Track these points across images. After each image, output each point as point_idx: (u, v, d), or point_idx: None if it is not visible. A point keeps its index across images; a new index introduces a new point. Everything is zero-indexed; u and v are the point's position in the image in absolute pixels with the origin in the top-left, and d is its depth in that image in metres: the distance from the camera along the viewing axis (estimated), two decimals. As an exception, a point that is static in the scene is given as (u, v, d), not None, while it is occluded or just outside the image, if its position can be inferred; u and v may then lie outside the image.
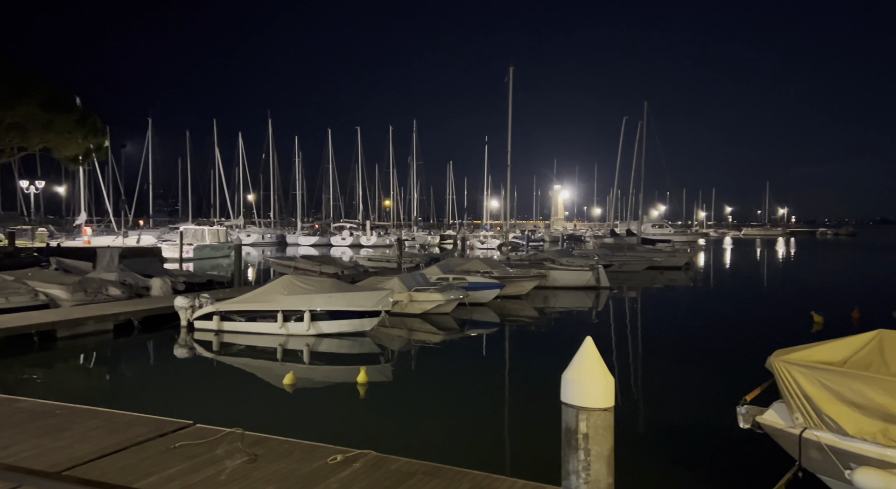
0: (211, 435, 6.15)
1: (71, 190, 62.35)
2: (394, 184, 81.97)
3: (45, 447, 5.80)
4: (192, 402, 9.55)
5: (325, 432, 6.96)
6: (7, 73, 30.57)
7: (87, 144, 38.33)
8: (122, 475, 5.11)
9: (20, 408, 7.02)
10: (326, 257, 35.23)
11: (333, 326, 14.70)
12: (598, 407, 3.66)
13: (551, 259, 28.17)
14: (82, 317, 14.32)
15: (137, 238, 48.09)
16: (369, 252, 50.23)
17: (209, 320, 14.97)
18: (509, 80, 32.75)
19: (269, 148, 74.55)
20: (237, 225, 69.09)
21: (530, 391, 10.59)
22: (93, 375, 12.37)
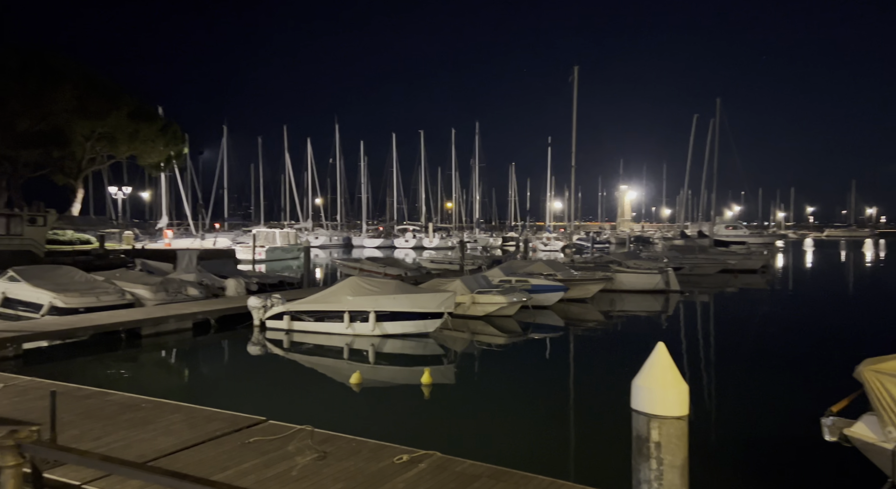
0: (282, 431, 6.36)
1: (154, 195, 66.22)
2: (456, 186, 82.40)
3: (133, 438, 6.18)
4: (265, 399, 9.92)
5: (390, 431, 7.06)
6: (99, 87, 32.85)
7: (169, 152, 40.69)
8: (202, 467, 5.37)
9: (111, 401, 7.51)
10: (390, 259, 35.84)
11: (397, 327, 14.90)
12: (672, 415, 3.54)
13: (618, 261, 27.51)
14: (164, 316, 15.14)
15: (213, 240, 50.50)
16: (432, 254, 50.67)
17: (280, 320, 15.49)
18: (574, 80, 32.24)
19: (336, 153, 76.68)
20: (306, 227, 71.32)
21: (596, 396, 10.38)
22: (174, 371, 13.08)
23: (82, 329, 13.53)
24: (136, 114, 35.49)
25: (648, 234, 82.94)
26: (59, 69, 30.65)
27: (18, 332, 12.40)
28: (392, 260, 34.59)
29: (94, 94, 32.22)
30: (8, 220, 26.92)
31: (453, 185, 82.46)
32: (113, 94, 33.68)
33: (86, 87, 31.72)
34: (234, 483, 5.00)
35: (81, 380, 8.91)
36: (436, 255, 44.74)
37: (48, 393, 7.37)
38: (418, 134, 79.58)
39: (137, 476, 2.26)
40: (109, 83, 34.00)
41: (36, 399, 7.53)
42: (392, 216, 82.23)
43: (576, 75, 32.28)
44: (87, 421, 6.70)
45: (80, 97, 31.36)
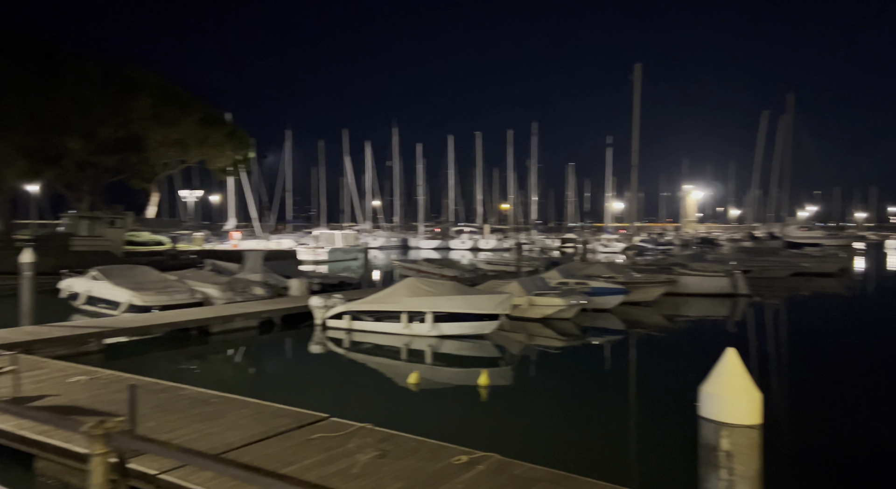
0: (344, 429, 6.51)
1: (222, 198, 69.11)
2: (513, 187, 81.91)
3: (204, 431, 6.47)
4: (326, 396, 10.15)
5: (448, 432, 7.10)
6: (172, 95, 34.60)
7: (236, 156, 42.38)
8: (268, 462, 5.56)
9: (183, 395, 7.89)
10: (447, 260, 36.00)
11: (454, 328, 14.95)
12: (744, 423, 3.40)
13: (682, 264, 26.62)
14: (232, 315, 15.76)
15: (277, 242, 52.20)
16: (488, 255, 50.53)
17: (340, 319, 15.83)
18: (635, 78, 31.49)
19: (394, 155, 77.83)
20: (365, 229, 72.65)
21: (658, 402, 10.08)
22: (240, 367, 13.60)
23: (157, 326, 14.27)
24: (206, 120, 37.18)
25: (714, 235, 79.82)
26: (136, 79, 32.48)
27: (101, 328, 13.21)
28: (448, 261, 34.75)
29: (168, 102, 33.99)
30: (91, 223, 28.77)
31: (510, 187, 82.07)
32: (185, 102, 35.43)
33: (160, 96, 33.50)
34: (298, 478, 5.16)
35: (156, 375, 9.39)
36: (492, 257, 44.61)
37: (127, 386, 7.81)
38: (475, 136, 79.77)
39: (213, 468, 2.37)
40: (181, 91, 35.77)
41: (116, 391, 8.00)
42: (448, 218, 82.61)
43: (638, 73, 31.57)
44: (163, 414, 7.06)
45: (156, 105, 33.14)
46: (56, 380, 8.62)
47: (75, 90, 29.08)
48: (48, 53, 29.81)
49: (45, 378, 8.70)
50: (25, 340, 11.31)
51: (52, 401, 7.55)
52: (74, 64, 30.25)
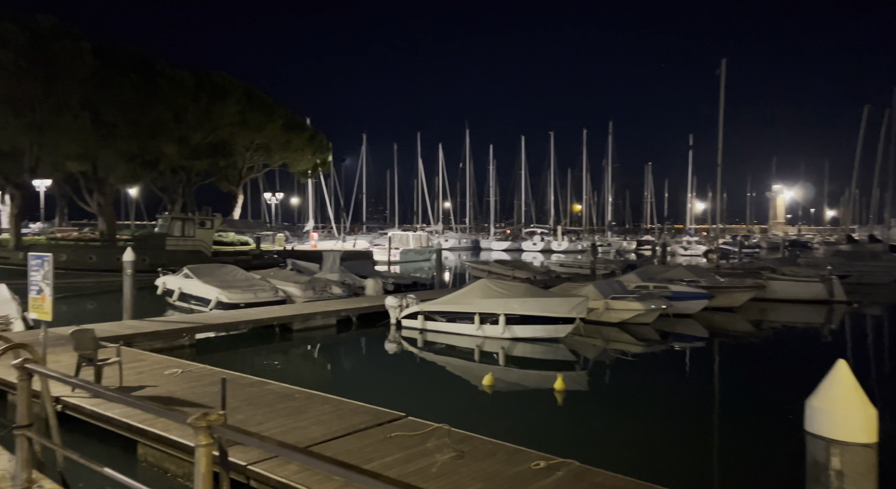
0: (421, 428, 6.59)
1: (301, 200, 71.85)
2: (587, 188, 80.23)
3: (289, 426, 6.73)
4: (402, 395, 10.31)
5: (525, 436, 7.03)
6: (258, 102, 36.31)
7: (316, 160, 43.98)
8: (349, 458, 5.70)
9: (269, 389, 8.24)
10: (518, 262, 35.73)
11: (528, 331, 14.80)
12: (857, 441, 3.16)
13: (771, 268, 25.15)
14: (312, 312, 16.32)
15: (353, 242, 53.62)
16: (561, 257, 49.75)
17: (414, 319, 16.05)
18: (721, 73, 30.00)
19: (465, 157, 78.16)
20: (437, 230, 73.35)
21: (746, 414, 9.56)
22: (320, 364, 14.05)
23: (243, 322, 14.99)
24: (289, 125, 38.80)
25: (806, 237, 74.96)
26: (224, 87, 34.32)
27: (192, 324, 14.02)
28: (520, 263, 34.48)
29: (254, 108, 35.73)
30: (183, 224, 30.63)
31: (584, 187, 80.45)
32: (269, 108, 37.12)
33: (247, 102, 35.25)
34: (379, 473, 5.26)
35: (242, 369, 9.85)
36: (565, 259, 43.88)
37: (218, 379, 8.24)
38: (548, 136, 78.83)
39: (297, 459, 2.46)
40: (266, 98, 37.49)
41: (208, 384, 8.46)
42: (520, 219, 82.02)
43: (723, 68, 30.04)
44: (250, 407, 7.40)
45: (242, 112, 34.91)
46: (154, 371, 9.23)
47: (171, 99, 31.09)
48: (147, 65, 32.03)
49: (145, 369, 9.33)
50: (127, 334, 12.17)
51: (151, 392, 8.09)
52: (170, 74, 32.35)
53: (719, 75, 30.10)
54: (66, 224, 56.82)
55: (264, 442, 2.47)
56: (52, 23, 27.96)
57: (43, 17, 27.94)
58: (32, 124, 26.44)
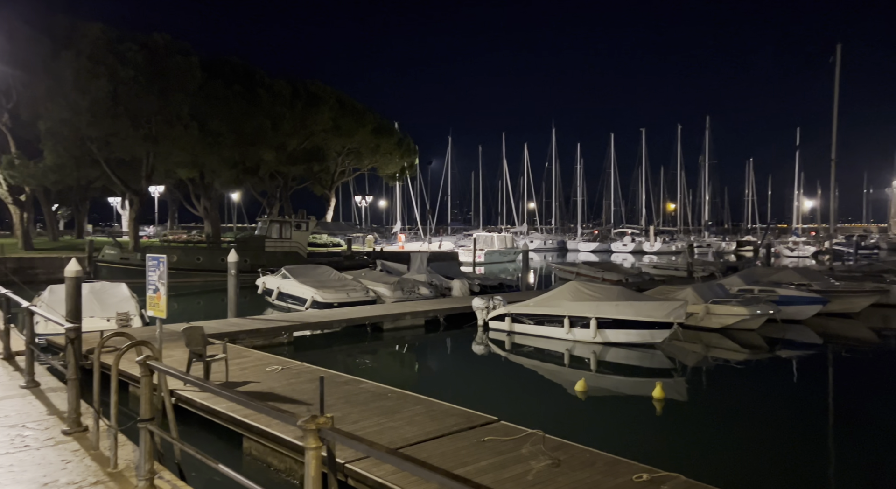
0: (514, 433, 6.45)
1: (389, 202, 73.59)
2: (681, 186, 76.63)
3: (383, 425, 6.81)
4: (492, 398, 10.21)
5: (623, 446, 6.72)
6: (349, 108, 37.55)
7: (403, 163, 44.90)
8: (443, 460, 5.68)
9: (363, 388, 8.40)
10: (608, 264, 34.65)
11: (621, 336, 14.26)
12: None
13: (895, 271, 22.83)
14: (401, 313, 16.58)
15: (439, 244, 54.20)
16: (654, 259, 47.77)
17: (502, 321, 15.90)
18: (836, 60, 27.56)
19: (552, 157, 76.95)
20: (521, 231, 72.69)
21: (864, 430, 8.67)
22: (410, 364, 14.23)
23: (337, 321, 15.47)
24: (378, 130, 39.85)
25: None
26: (318, 95, 35.75)
27: (290, 322, 14.63)
28: (610, 264, 33.41)
29: (345, 115, 37.00)
30: (281, 226, 32.17)
31: (678, 185, 76.91)
32: (359, 113, 38.30)
33: (339, 109, 36.55)
34: (474, 480, 5.19)
35: (335, 367, 10.13)
36: (658, 261, 42.11)
37: (315, 377, 8.51)
38: (639, 132, 76.10)
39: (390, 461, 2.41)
40: (357, 104, 38.70)
41: (306, 381, 8.75)
42: (609, 219, 79.66)
43: (838, 55, 27.59)
44: (346, 405, 7.56)
45: (335, 118, 36.23)
46: (257, 368, 9.67)
47: (269, 107, 32.78)
48: (248, 76, 33.95)
49: (249, 366, 9.80)
50: (232, 331, 12.86)
51: (254, 388, 8.48)
52: (268, 84, 34.11)
53: (833, 63, 27.68)
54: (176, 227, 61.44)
55: (361, 443, 2.45)
56: (166, 40, 30.27)
57: (158, 35, 30.31)
58: (148, 135, 28.72)
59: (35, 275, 24.21)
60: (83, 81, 27.02)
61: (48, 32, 28.34)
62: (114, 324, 12.37)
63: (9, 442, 4.77)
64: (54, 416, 5.40)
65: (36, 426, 5.14)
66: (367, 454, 2.40)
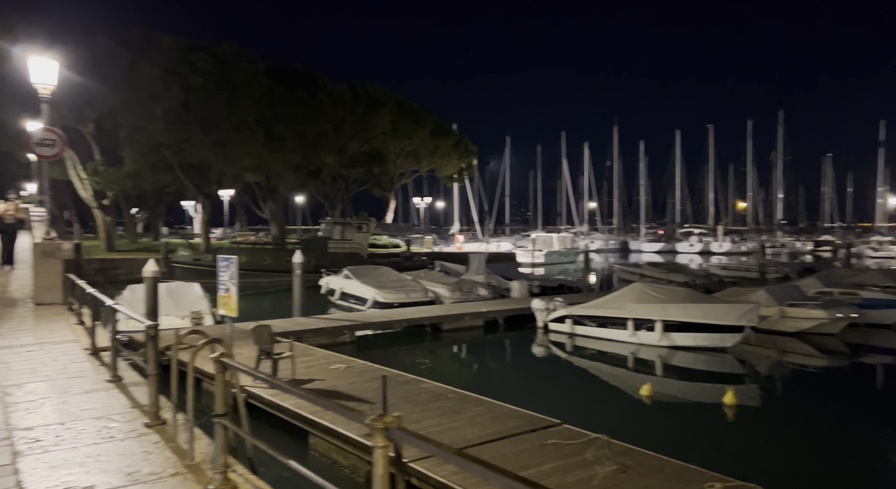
0: (578, 437, 6.33)
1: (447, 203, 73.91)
2: (752, 184, 73.27)
3: (444, 425, 6.82)
4: (554, 401, 10.07)
5: (693, 452, 6.47)
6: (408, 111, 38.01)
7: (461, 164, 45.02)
8: (505, 463, 5.63)
9: (424, 388, 8.45)
10: (674, 265, 33.51)
11: (688, 339, 13.76)
12: None
13: None
14: (460, 313, 16.60)
15: (497, 244, 53.98)
16: (722, 260, 45.92)
17: (562, 323, 15.65)
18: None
19: (613, 155, 75.28)
20: (582, 232, 71.45)
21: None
22: (470, 365, 14.23)
23: (397, 321, 15.65)
24: (436, 132, 40.14)
25: None
26: (378, 98, 36.35)
27: (353, 322, 14.92)
28: (676, 265, 32.32)
29: (404, 117, 37.47)
30: (342, 228, 32.91)
31: (748, 183, 73.57)
32: (418, 116, 38.70)
33: (398, 111, 37.04)
34: (540, 483, 5.12)
35: (396, 366, 10.23)
36: (728, 262, 40.42)
37: (377, 376, 8.62)
38: (706, 129, 73.31)
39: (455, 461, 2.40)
40: (416, 106, 39.11)
41: (368, 380, 8.89)
42: (674, 218, 77.09)
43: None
44: (407, 405, 7.63)
45: (394, 121, 36.74)
46: (321, 366, 9.90)
47: (331, 112, 33.59)
48: (311, 81, 34.91)
49: (313, 364, 10.05)
50: (297, 330, 13.23)
51: (319, 385, 8.68)
52: (330, 88, 34.95)
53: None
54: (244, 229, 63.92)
55: (440, 448, 2.45)
56: (234, 49, 31.55)
57: (226, 44, 31.63)
58: (217, 141, 29.98)
59: (116, 276, 25.72)
60: (157, 90, 28.52)
61: (126, 45, 30.07)
62: (188, 322, 12.96)
63: (96, 432, 5.07)
64: (136, 410, 5.70)
65: (120, 418, 5.45)
66: (432, 454, 2.40)
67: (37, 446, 4.74)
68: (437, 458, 5.45)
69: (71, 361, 7.67)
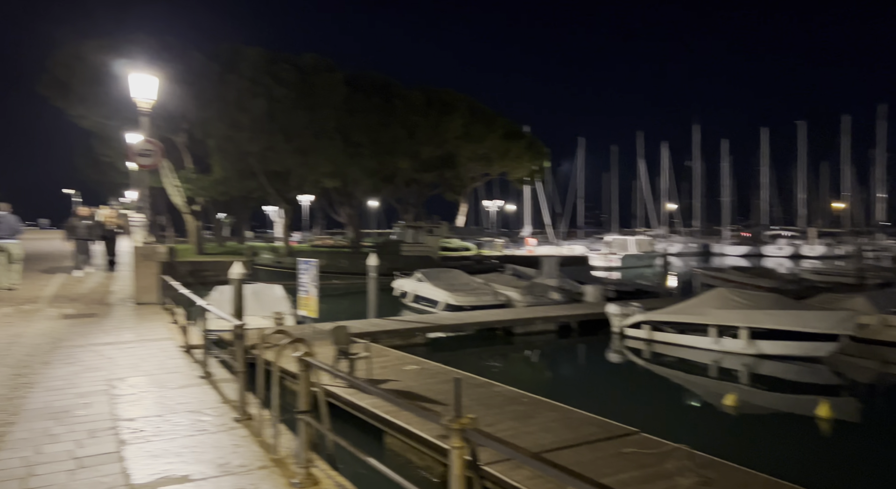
0: (657, 446, 6.14)
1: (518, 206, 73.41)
2: (849, 183, 68.24)
3: (518, 430, 6.80)
4: (630, 409, 9.78)
5: (784, 468, 6.13)
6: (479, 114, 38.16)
7: (533, 166, 44.67)
8: (581, 470, 5.52)
9: (497, 392, 8.45)
10: (761, 269, 31.79)
11: (777, 348, 13.01)
12: None
13: None
14: (532, 317, 16.44)
15: (569, 248, 53.06)
16: (815, 264, 43.02)
17: (639, 329, 15.19)
18: None
19: (694, 155, 72.29)
20: (660, 234, 68.98)
21: None
22: (542, 369, 14.08)
23: (468, 324, 15.71)
24: (508, 135, 40.04)
25: None
26: (450, 102, 36.71)
27: (425, 324, 15.12)
28: (763, 270, 30.64)
29: (476, 121, 37.64)
30: (415, 232, 33.46)
31: (843, 182, 68.56)
32: (489, 119, 38.77)
33: (470, 116, 37.25)
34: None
35: (468, 369, 10.27)
36: (821, 266, 37.81)
37: (450, 378, 8.71)
38: (794, 126, 69.05)
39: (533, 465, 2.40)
40: (487, 109, 39.21)
41: (441, 382, 8.99)
42: (760, 220, 72.98)
43: None
44: (480, 408, 7.65)
45: (466, 125, 36.98)
46: (396, 367, 10.11)
47: (405, 117, 34.27)
48: (385, 88, 35.75)
49: (388, 364, 10.28)
50: (372, 331, 13.56)
51: (394, 386, 8.87)
52: (404, 94, 35.65)
53: None
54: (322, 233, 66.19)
55: (504, 445, 2.47)
56: (315, 59, 32.81)
57: (308, 55, 32.95)
58: (299, 148, 31.26)
59: (206, 277, 27.29)
60: (244, 101, 30.10)
61: (216, 58, 31.94)
62: (271, 322, 13.56)
63: (191, 425, 5.43)
64: (226, 405, 6.05)
65: (211, 412, 5.80)
66: (510, 457, 2.42)
67: (139, 436, 5.13)
68: (511, 462, 5.47)
69: (167, 358, 8.24)
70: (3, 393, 6.43)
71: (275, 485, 4.14)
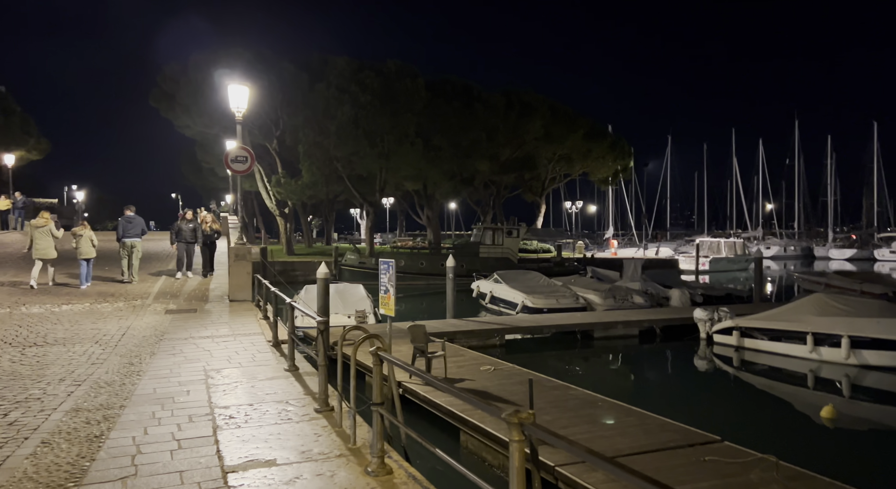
0: (741, 456, 5.91)
1: (601, 207, 71.68)
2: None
3: (593, 433, 6.74)
4: (714, 417, 9.39)
5: (881, 486, 5.71)
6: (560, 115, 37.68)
7: (616, 166, 43.49)
8: (659, 476, 5.41)
9: (573, 394, 8.39)
10: (869, 274, 29.41)
11: (883, 358, 12.02)
12: None
13: None
14: (613, 321, 16.07)
15: (656, 250, 51.18)
16: (936, 269, 39.11)
17: (729, 335, 14.50)
18: None
19: (794, 152, 67.69)
20: (755, 236, 65.10)
21: None
22: (622, 374, 13.74)
23: (546, 327, 15.60)
24: (589, 134, 39.22)
25: None
26: (530, 104, 36.46)
27: (502, 325, 15.17)
28: (871, 275, 28.30)
29: (556, 122, 37.16)
30: (493, 233, 33.50)
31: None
32: (570, 119, 38.14)
33: (550, 117, 36.82)
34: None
35: (544, 371, 10.22)
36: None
37: (525, 379, 8.73)
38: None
39: (609, 469, 2.42)
40: (568, 110, 38.59)
41: (516, 383, 9.03)
42: (871, 221, 67.17)
43: None
44: (555, 410, 7.64)
45: (546, 126, 36.58)
46: (471, 366, 10.25)
47: (484, 120, 34.41)
48: (466, 92, 36.05)
49: (464, 364, 10.43)
50: (450, 331, 13.78)
51: (469, 385, 9.01)
52: (484, 97, 35.80)
53: None
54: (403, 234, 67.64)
55: (572, 446, 2.52)
56: (398, 66, 33.64)
57: (391, 62, 33.84)
58: (382, 152, 32.16)
59: (295, 277, 28.69)
60: (331, 108, 31.35)
61: (306, 68, 33.48)
62: (353, 320, 14.12)
63: (277, 414, 5.82)
64: (309, 396, 6.41)
65: (296, 403, 6.17)
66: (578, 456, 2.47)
67: (231, 422, 5.56)
68: (585, 465, 5.45)
69: (258, 351, 8.81)
70: (117, 379, 7.15)
71: (351, 472, 4.38)
